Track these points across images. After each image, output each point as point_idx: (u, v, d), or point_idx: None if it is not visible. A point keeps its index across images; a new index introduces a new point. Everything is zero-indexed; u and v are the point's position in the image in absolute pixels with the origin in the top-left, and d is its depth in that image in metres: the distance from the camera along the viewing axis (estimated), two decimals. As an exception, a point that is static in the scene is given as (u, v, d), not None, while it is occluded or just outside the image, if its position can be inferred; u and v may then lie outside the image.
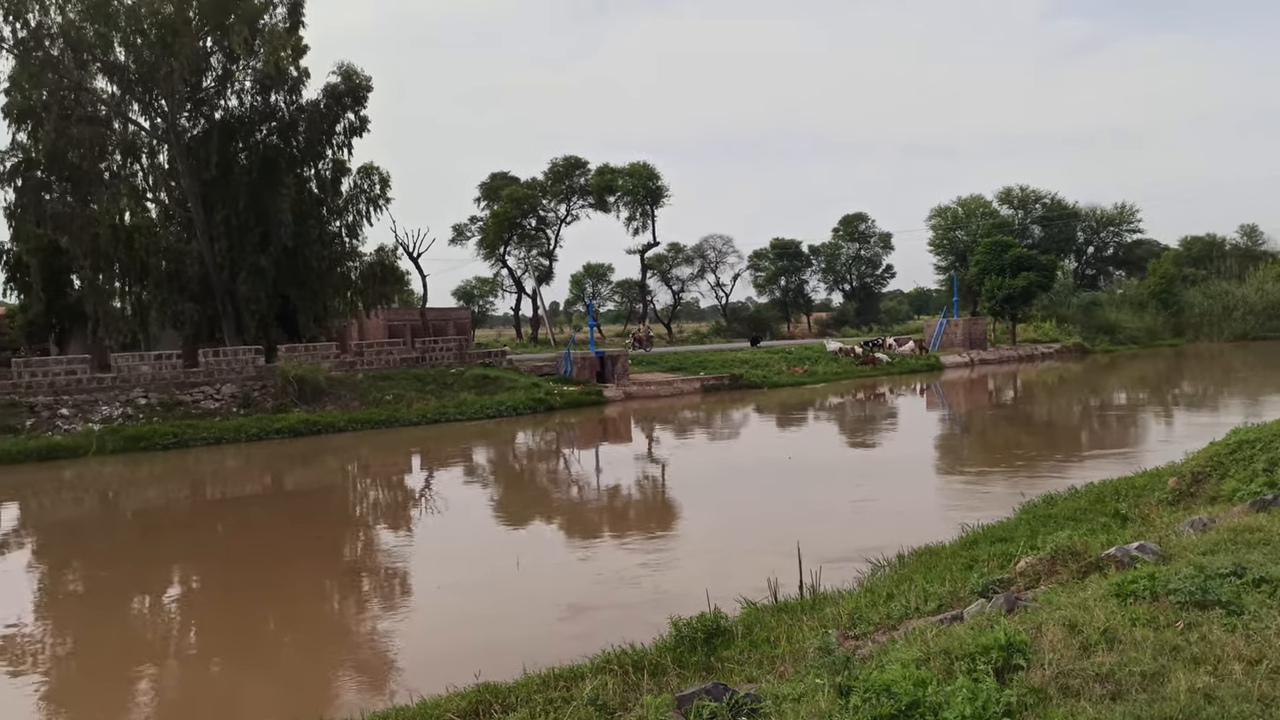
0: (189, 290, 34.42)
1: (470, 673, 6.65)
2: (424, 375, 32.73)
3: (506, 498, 17.99)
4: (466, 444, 25.40)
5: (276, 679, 8.46)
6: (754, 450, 23.19)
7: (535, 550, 13.02)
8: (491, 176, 70.77)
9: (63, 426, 25.42)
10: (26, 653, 9.56)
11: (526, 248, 71.94)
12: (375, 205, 37.52)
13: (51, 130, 31.20)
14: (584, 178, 68.70)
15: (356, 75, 35.69)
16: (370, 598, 11.26)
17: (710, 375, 38.27)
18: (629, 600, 9.95)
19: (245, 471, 22.68)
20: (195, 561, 13.76)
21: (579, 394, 33.03)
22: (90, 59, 32.07)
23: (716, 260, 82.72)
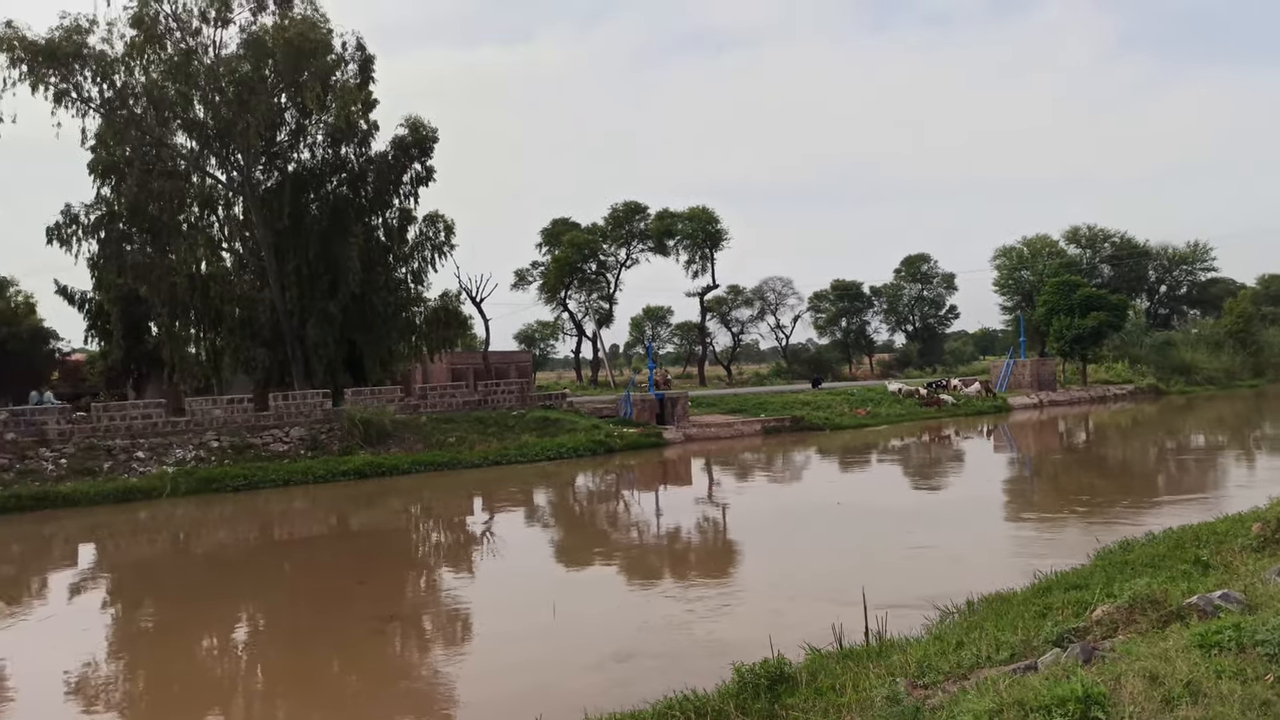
0: (260, 336, 35.44)
1: (530, 717, 6.63)
2: (486, 417, 33.08)
3: (566, 540, 17.99)
4: (527, 486, 25.53)
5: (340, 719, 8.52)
6: (816, 493, 22.87)
7: (593, 594, 12.97)
8: (553, 222, 71.88)
9: (138, 469, 26.21)
10: (100, 691, 9.78)
11: (587, 291, 72.65)
12: (440, 252, 38.37)
13: (134, 184, 32.61)
14: (644, 222, 69.33)
15: (423, 127, 36.70)
16: (431, 640, 11.31)
17: (771, 417, 37.99)
18: (688, 645, 9.83)
19: (312, 513, 23.07)
20: (262, 601, 14.00)
21: (639, 436, 33.03)
22: (171, 116, 33.51)
23: (776, 302, 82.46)
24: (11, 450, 25.72)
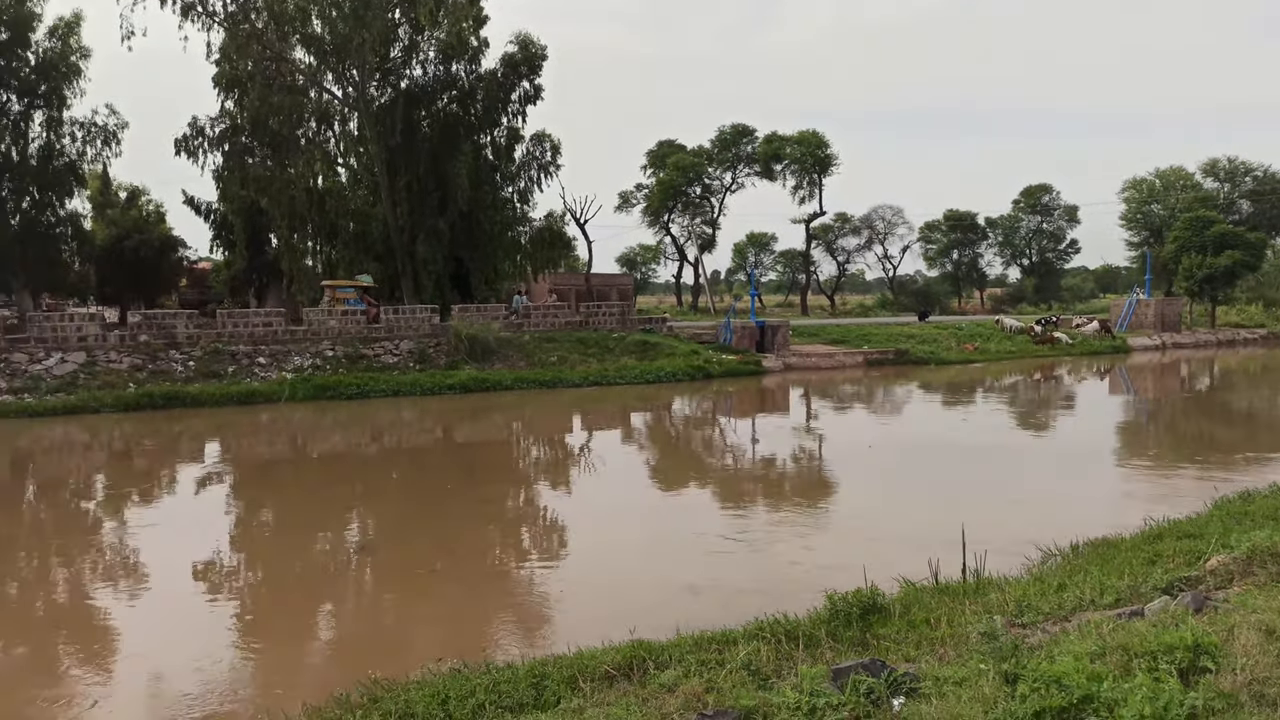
0: (373, 250, 36.51)
1: (620, 628, 6.80)
2: (587, 339, 33.46)
3: (661, 462, 18.21)
4: (625, 407, 25.85)
5: (442, 617, 8.92)
6: (916, 429, 22.46)
7: (686, 516, 13.13)
8: (659, 144, 71.07)
9: (259, 374, 27.59)
10: (224, 580, 10.49)
11: (690, 215, 72.00)
12: (546, 172, 38.57)
13: (255, 98, 33.60)
14: (751, 146, 67.90)
15: (533, 44, 36.56)
16: (529, 549, 11.69)
17: (874, 349, 37.28)
18: (778, 571, 9.89)
19: (419, 423, 23.93)
20: (371, 504, 14.69)
21: (737, 363, 32.93)
22: (290, 31, 34.23)
23: (885, 231, 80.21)
24: (145, 351, 27.37)
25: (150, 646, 8.23)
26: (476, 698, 5.26)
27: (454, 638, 8.10)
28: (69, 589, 10.28)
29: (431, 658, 6.53)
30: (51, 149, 37.12)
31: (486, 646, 7.53)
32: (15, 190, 36.96)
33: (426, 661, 6.41)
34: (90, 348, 26.95)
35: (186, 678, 7.32)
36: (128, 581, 10.37)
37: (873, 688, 4.25)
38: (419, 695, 5.43)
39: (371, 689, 5.83)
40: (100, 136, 37.82)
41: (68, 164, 37.60)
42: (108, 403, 24.06)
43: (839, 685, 4.35)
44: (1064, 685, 3.78)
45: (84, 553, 11.73)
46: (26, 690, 7.31)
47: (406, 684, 5.82)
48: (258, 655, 8.16)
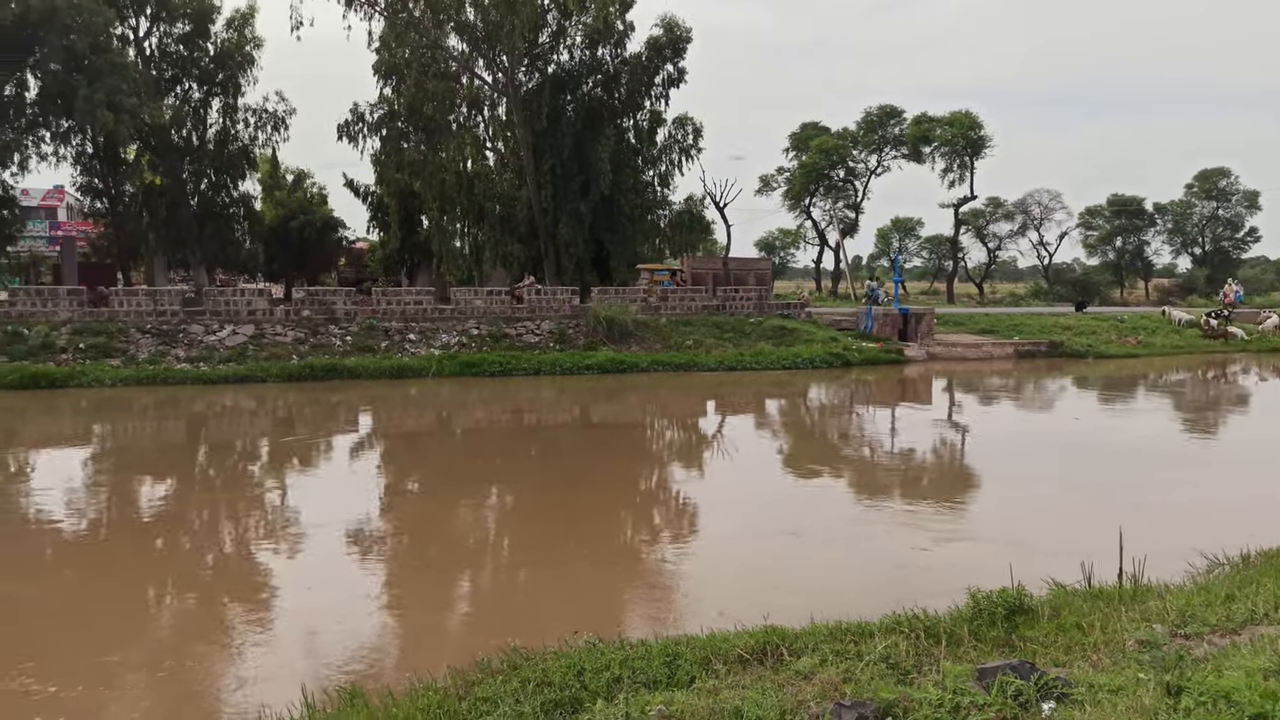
0: (517, 233, 37.47)
1: (751, 612, 6.77)
2: (723, 323, 33.37)
3: (796, 449, 17.98)
4: (760, 392, 25.65)
5: (574, 592, 9.11)
6: (1069, 425, 21.34)
7: (819, 504, 12.93)
8: (801, 127, 69.85)
9: (410, 349, 28.84)
10: (371, 543, 11.04)
11: (832, 199, 70.57)
12: (687, 155, 38.56)
13: (411, 85, 34.95)
14: (899, 127, 65.80)
15: (677, 27, 36.53)
16: (660, 530, 11.77)
17: (1026, 340, 35.63)
18: (915, 565, 9.61)
19: (557, 401, 24.48)
20: (510, 479, 15.13)
21: (878, 351, 32.13)
22: (445, 19, 35.37)
23: (1041, 217, 76.23)
24: (307, 326, 29.06)
25: (304, 601, 8.75)
26: (611, 671, 5.35)
27: (586, 612, 8.26)
28: (235, 543, 11.05)
29: (565, 630, 6.68)
30: (227, 134, 39.77)
31: (618, 623, 7.66)
32: (195, 173, 39.83)
33: (562, 634, 6.56)
34: (259, 321, 28.82)
35: (337, 632, 7.76)
36: (286, 540, 11.06)
37: (1021, 690, 4.07)
38: (556, 665, 5.57)
39: (511, 656, 6.01)
40: (270, 122, 40.26)
41: (241, 148, 40.20)
42: (273, 373, 25.70)
43: (984, 685, 4.19)
44: (1234, 702, 3.52)
45: (248, 510, 12.59)
46: (193, 634, 7.91)
47: (544, 654, 5.98)
48: (401, 616, 8.56)
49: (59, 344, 25.96)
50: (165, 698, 6.73)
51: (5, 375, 23.42)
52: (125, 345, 26.61)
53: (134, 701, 6.76)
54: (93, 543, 11.11)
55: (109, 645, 7.72)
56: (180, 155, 39.00)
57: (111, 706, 6.65)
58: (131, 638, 7.99)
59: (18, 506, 13.05)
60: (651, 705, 4.49)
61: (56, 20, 30.05)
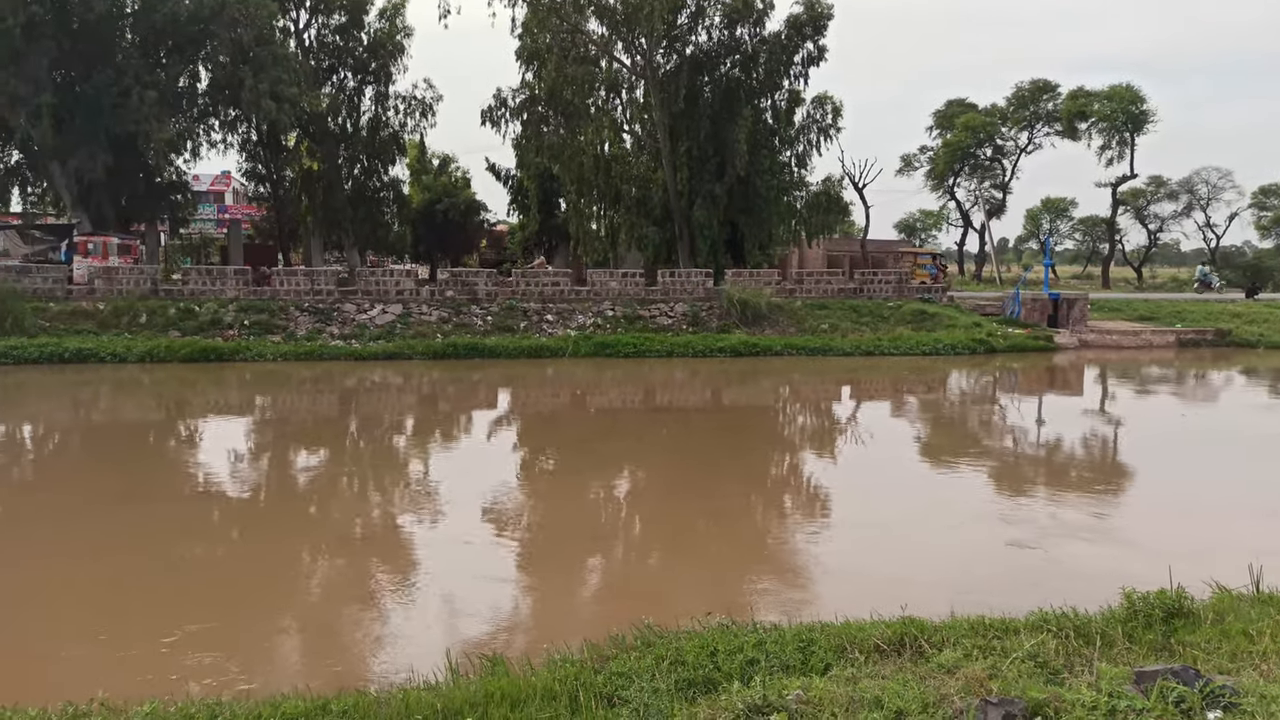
0: (652, 215, 37.68)
1: (883, 601, 6.62)
2: (860, 306, 32.65)
3: (934, 437, 17.44)
4: (898, 378, 25.00)
5: (704, 572, 9.15)
6: (1235, 419, 19.89)
7: (959, 494, 12.51)
8: (947, 104, 67.36)
9: (547, 330, 29.51)
10: (508, 517, 11.39)
11: (978, 179, 67.84)
12: (826, 135, 37.78)
13: (552, 69, 35.54)
14: (1053, 103, 62.53)
15: (819, 4, 35.78)
16: (791, 515, 11.67)
17: (1189, 329, 33.38)
18: (1059, 561, 9.18)
19: (690, 383, 24.56)
20: (642, 458, 15.30)
21: (1026, 337, 30.75)
22: (586, 3, 35.76)
23: (1209, 197, 71.05)
24: (450, 305, 30.14)
25: (445, 569, 9.12)
26: (745, 654, 5.36)
27: (716, 592, 8.28)
28: (380, 512, 11.62)
29: (696, 609, 6.72)
30: (378, 121, 41.59)
31: (748, 605, 7.64)
32: (349, 158, 41.85)
33: (694, 613, 6.60)
34: (406, 301, 30.08)
35: (475, 601, 8.06)
36: (428, 510, 11.54)
37: (1184, 696, 3.84)
38: (689, 645, 5.62)
39: (644, 633, 6.11)
40: (419, 109, 41.87)
41: (391, 134, 41.98)
42: (419, 350, 26.80)
43: (1142, 689, 3.97)
44: None
45: (394, 481, 13.21)
46: (343, 596, 8.37)
47: (677, 632, 6.04)
48: (535, 588, 8.81)
49: (226, 320, 27.83)
50: (319, 654, 7.16)
51: (178, 349, 25.30)
52: (285, 322, 28.28)
53: (290, 655, 7.23)
54: (253, 507, 11.91)
55: (267, 603, 8.28)
56: (336, 141, 41.04)
57: (272, 658, 7.13)
58: (288, 597, 8.54)
59: (189, 471, 14.12)
60: (789, 690, 4.47)
61: (225, 15, 32.05)
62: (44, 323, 26.45)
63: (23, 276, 28.32)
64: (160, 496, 12.07)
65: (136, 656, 6.92)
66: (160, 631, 7.25)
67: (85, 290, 28.75)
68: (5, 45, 29.51)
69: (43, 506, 11.53)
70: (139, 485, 12.69)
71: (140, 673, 6.49)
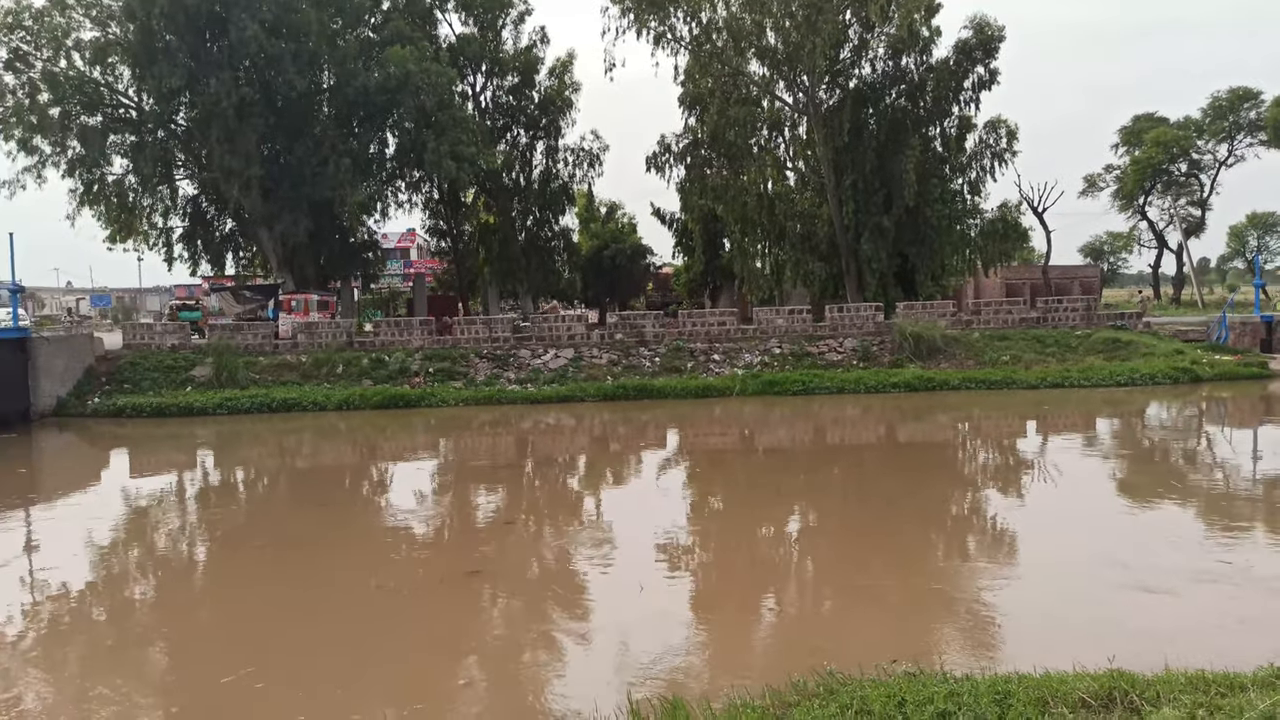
0: (818, 251, 37.27)
1: (1081, 653, 6.18)
2: (1044, 336, 30.95)
3: (1132, 474, 16.19)
4: (1089, 411, 23.43)
5: (883, 617, 8.82)
6: None
7: (1158, 537, 11.52)
8: (1134, 119, 63.45)
9: (714, 369, 29.58)
10: (680, 557, 11.42)
11: (1172, 196, 63.22)
12: (1000, 160, 36.33)
13: (714, 113, 35.97)
14: (1256, 111, 57.70)
15: (989, 26, 34.68)
16: (973, 557, 11.10)
17: None
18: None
19: (862, 420, 23.94)
20: (814, 498, 15.02)
21: (1235, 365, 28.19)
22: (747, 46, 36.09)
23: None
24: (619, 348, 30.77)
25: (620, 609, 9.23)
26: (935, 705, 5.13)
27: (897, 638, 7.98)
28: (554, 551, 11.91)
29: (876, 656, 6.51)
30: (549, 173, 43.31)
31: (932, 652, 7.32)
32: (522, 211, 43.74)
33: (875, 659, 6.40)
34: (577, 345, 30.96)
35: (651, 641, 8.10)
36: (601, 549, 11.74)
37: None
38: (875, 694, 5.44)
39: (827, 680, 5.96)
40: (586, 160, 43.32)
41: (561, 185, 43.60)
42: (590, 393, 27.47)
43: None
44: None
45: (568, 520, 13.54)
46: (522, 635, 8.61)
47: (861, 680, 5.87)
48: (710, 629, 8.77)
49: (412, 368, 29.50)
50: (501, 695, 7.39)
51: (371, 397, 27.02)
52: (465, 369, 29.69)
53: (473, 698, 7.49)
54: (437, 543, 12.48)
55: (451, 644, 8.64)
56: (510, 195, 43.02)
57: (454, 700, 7.41)
58: (472, 638, 8.88)
59: (377, 510, 14.98)
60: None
61: (410, 84, 34.36)
62: (254, 375, 28.91)
63: (236, 333, 31.12)
64: (347, 539, 12.86)
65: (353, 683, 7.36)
66: (349, 668, 7.70)
67: (289, 344, 31.25)
68: (221, 125, 32.75)
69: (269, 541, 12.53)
70: (330, 527, 13.57)
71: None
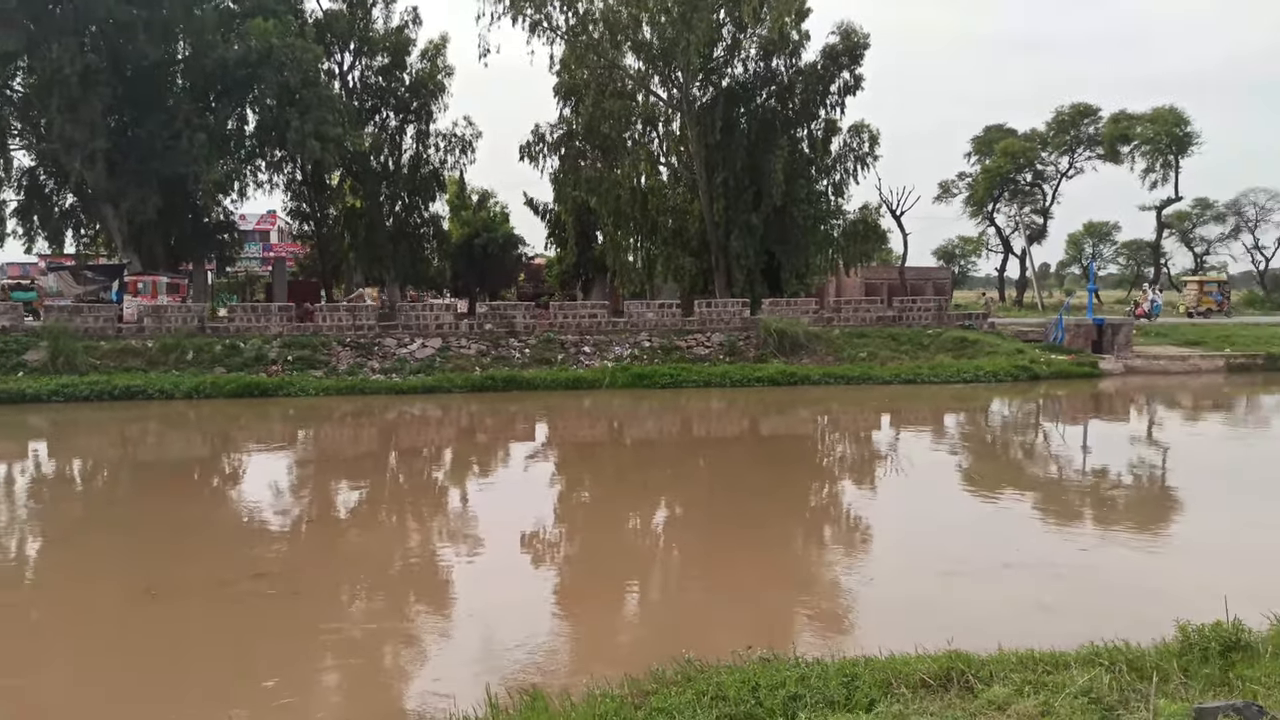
0: (689, 246, 37.82)
1: (925, 635, 6.50)
2: (899, 334, 32.38)
3: (976, 467, 17.15)
4: (938, 407, 24.68)
5: (743, 606, 9.04)
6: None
7: (1001, 526, 12.26)
8: (986, 129, 67.09)
9: (584, 361, 29.61)
10: (545, 550, 11.39)
11: (1018, 204, 67.27)
12: (863, 164, 37.76)
13: (590, 105, 35.99)
14: (1094, 126, 61.97)
15: (855, 33, 35.92)
16: (831, 546, 11.52)
17: (1238, 353, 32.61)
18: (1107, 593, 8.96)
19: (728, 414, 24.45)
20: (680, 489, 15.23)
21: (1069, 364, 30.25)
22: (623, 39, 36.20)
23: (1257, 218, 69.87)
24: (489, 339, 30.39)
25: (483, 604, 9.12)
26: (787, 689, 5.28)
27: (756, 627, 8.18)
28: (419, 545, 11.67)
29: (736, 643, 6.64)
30: (419, 159, 42.30)
31: (789, 639, 7.53)
32: (390, 196, 42.57)
33: (734, 647, 6.53)
34: (445, 335, 30.40)
35: (514, 635, 8.04)
36: (466, 544, 11.57)
37: (1244, 736, 3.72)
38: (730, 679, 5.56)
39: (685, 668, 6.05)
40: (458, 146, 42.55)
41: (432, 171, 42.66)
42: (458, 384, 27.02)
43: (1200, 728, 3.86)
44: None
45: (432, 513, 13.29)
46: (383, 629, 8.40)
47: (718, 667, 5.98)
48: (574, 622, 8.77)
49: (270, 356, 28.30)
50: (361, 686, 7.18)
51: (224, 385, 25.76)
52: (327, 357, 28.69)
53: (330, 690, 7.26)
54: (295, 536, 12.03)
55: (307, 638, 8.33)
56: (378, 179, 41.79)
57: (311, 691, 7.16)
58: (329, 630, 8.58)
59: (231, 504, 14.31)
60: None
61: (273, 59, 32.89)
62: (95, 361, 27.10)
63: (75, 316, 29.08)
64: (205, 535, 12.25)
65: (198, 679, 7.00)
66: (217, 663, 7.34)
67: (135, 329, 29.43)
68: (63, 93, 30.53)
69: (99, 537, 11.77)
70: (185, 521, 12.89)
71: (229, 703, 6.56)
